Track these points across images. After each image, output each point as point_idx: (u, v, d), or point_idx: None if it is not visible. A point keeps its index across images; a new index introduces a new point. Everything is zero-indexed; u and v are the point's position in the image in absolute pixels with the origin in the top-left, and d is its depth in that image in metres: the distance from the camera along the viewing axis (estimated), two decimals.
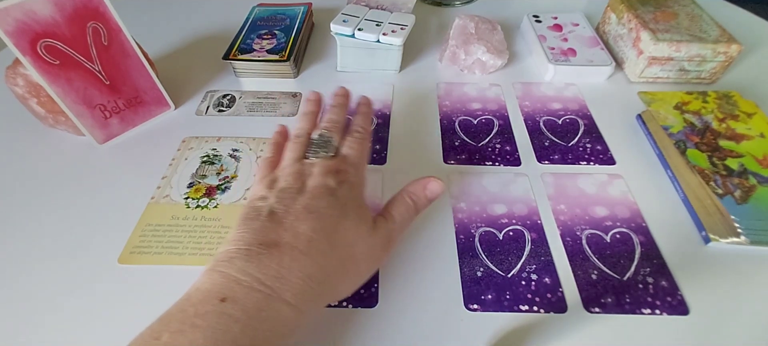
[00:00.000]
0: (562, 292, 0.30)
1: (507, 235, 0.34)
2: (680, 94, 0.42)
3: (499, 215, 0.36)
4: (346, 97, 0.36)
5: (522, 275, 0.31)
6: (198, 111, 0.47)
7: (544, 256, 0.33)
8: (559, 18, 0.57)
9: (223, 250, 0.23)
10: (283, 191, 0.26)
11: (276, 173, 0.28)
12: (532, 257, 0.33)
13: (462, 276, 0.32)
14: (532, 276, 0.31)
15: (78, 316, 0.30)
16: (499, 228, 0.35)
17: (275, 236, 0.23)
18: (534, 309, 0.30)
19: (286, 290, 0.21)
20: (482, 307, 0.30)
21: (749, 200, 0.33)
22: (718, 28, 0.47)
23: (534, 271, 0.32)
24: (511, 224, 0.35)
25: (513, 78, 0.51)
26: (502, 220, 0.35)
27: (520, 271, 0.32)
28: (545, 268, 0.32)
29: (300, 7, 0.59)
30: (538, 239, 0.34)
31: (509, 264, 0.32)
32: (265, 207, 0.25)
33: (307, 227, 0.24)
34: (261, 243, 0.23)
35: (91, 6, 0.38)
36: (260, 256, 0.22)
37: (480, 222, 0.35)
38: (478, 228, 0.35)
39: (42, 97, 0.39)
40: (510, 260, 0.32)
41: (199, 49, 0.57)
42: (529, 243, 0.33)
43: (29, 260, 0.33)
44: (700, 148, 0.37)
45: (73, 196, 0.38)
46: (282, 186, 0.26)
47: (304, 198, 0.25)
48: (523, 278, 0.31)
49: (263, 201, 0.26)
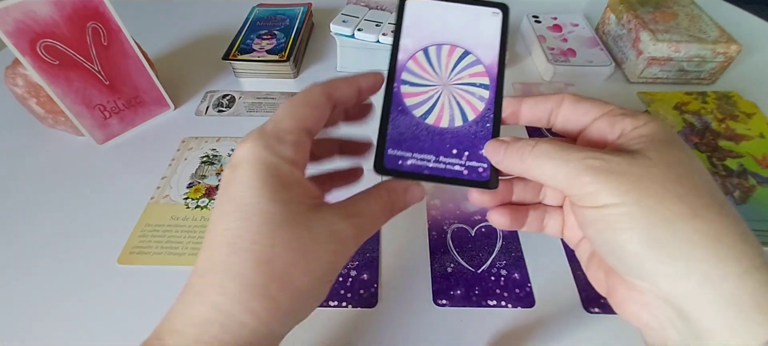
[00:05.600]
0: (531, 287, 0.31)
1: (479, 231, 0.35)
2: (680, 95, 0.42)
3: (472, 212, 0.36)
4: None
5: (492, 270, 0.32)
6: (198, 111, 0.47)
7: (514, 252, 0.33)
8: (559, 18, 0.57)
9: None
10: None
11: None
12: (502, 253, 0.33)
13: (433, 272, 0.32)
14: (502, 272, 0.32)
15: (77, 316, 0.30)
16: (471, 225, 0.35)
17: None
18: (501, 304, 0.30)
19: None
20: (451, 302, 0.30)
21: (748, 201, 0.33)
22: (717, 28, 0.47)
23: (504, 266, 0.32)
24: (484, 220, 0.36)
25: (512, 78, 0.51)
26: (476, 216, 0.36)
27: (490, 266, 0.32)
28: (515, 263, 0.32)
29: (300, 8, 0.59)
30: (510, 235, 0.34)
31: (480, 260, 0.33)
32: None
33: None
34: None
35: (91, 6, 0.38)
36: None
37: (453, 219, 0.36)
38: (450, 225, 0.35)
39: (41, 97, 0.39)
40: (480, 256, 0.33)
41: (199, 50, 0.57)
42: (501, 239, 0.34)
43: (29, 260, 0.33)
44: (699, 148, 0.37)
45: (73, 196, 0.38)
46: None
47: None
48: (493, 273, 0.32)
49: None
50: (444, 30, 0.26)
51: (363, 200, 0.22)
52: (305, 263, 0.19)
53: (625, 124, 0.21)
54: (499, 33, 0.26)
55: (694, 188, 0.18)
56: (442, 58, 0.26)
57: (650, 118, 0.21)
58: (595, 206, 0.19)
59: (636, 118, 0.21)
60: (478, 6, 0.26)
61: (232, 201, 0.19)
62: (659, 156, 0.19)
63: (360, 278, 0.32)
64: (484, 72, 0.25)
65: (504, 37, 0.25)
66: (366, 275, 0.32)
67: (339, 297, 0.31)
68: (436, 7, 0.27)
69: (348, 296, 0.31)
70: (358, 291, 0.31)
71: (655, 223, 0.18)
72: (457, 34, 0.26)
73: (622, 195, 0.18)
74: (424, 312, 0.30)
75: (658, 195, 0.18)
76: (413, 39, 0.26)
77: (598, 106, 0.22)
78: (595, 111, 0.22)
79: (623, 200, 0.18)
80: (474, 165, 0.24)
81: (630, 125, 0.21)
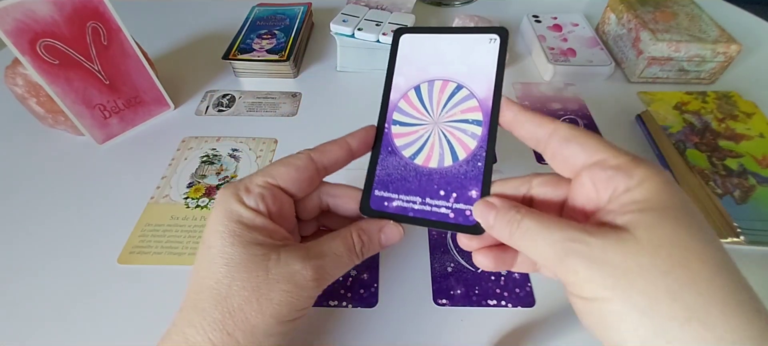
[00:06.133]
0: (531, 287, 0.31)
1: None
2: (680, 95, 0.42)
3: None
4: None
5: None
6: (197, 111, 0.47)
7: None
8: (559, 18, 0.57)
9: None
10: None
11: None
12: None
13: (433, 272, 0.32)
14: (502, 272, 0.32)
15: (77, 316, 0.30)
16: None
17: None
18: (501, 304, 0.30)
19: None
20: (451, 302, 0.30)
21: (748, 200, 0.33)
22: (717, 28, 0.47)
23: None
24: None
25: (512, 78, 0.51)
26: None
27: None
28: None
29: (300, 7, 0.59)
30: None
31: None
32: None
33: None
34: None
35: (91, 6, 0.38)
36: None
37: None
38: None
39: (41, 96, 0.39)
40: None
41: (199, 49, 0.57)
42: None
43: (28, 259, 0.33)
44: (699, 148, 0.37)
45: (73, 196, 0.38)
46: None
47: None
48: (493, 273, 0.32)
49: None
50: (438, 63, 0.25)
51: (327, 242, 0.23)
52: (259, 303, 0.20)
53: (618, 184, 0.18)
54: (496, 62, 0.24)
55: (690, 281, 0.15)
56: (434, 94, 0.25)
57: (646, 173, 0.18)
58: (583, 296, 0.17)
59: (629, 175, 0.18)
60: (475, 34, 0.24)
61: (204, 243, 0.22)
62: (650, 237, 0.16)
63: (360, 278, 0.32)
64: (478, 107, 0.24)
65: (501, 64, 0.23)
66: (366, 275, 0.32)
67: (339, 297, 0.31)
68: (431, 39, 0.25)
69: (348, 296, 0.31)
70: (358, 291, 0.31)
71: (648, 328, 0.15)
72: (451, 66, 0.25)
73: (608, 289, 0.16)
74: (424, 312, 0.30)
75: (648, 293, 0.15)
76: (406, 77, 0.25)
77: (588, 151, 0.20)
78: (585, 156, 0.20)
79: (611, 294, 0.16)
80: (461, 208, 0.23)
81: (622, 185, 0.18)
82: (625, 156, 0.19)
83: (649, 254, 0.16)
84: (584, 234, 0.17)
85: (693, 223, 0.17)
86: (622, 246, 0.16)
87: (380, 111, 0.26)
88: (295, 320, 0.22)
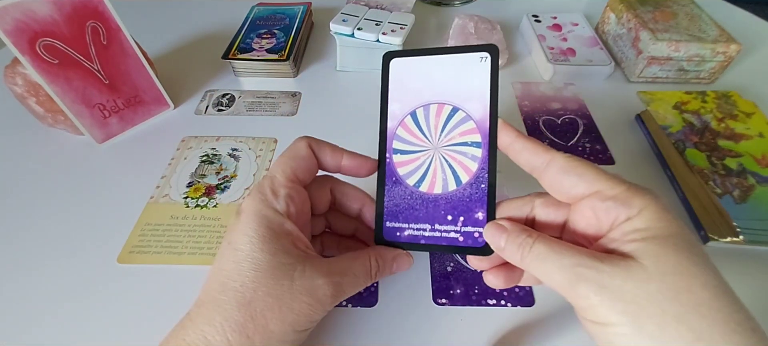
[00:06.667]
0: (531, 286, 0.31)
1: None
2: (679, 94, 0.42)
3: None
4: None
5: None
6: (197, 110, 0.47)
7: None
8: (559, 18, 0.57)
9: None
10: None
11: None
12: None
13: (432, 271, 0.32)
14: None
15: (77, 315, 0.30)
16: None
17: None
18: (501, 303, 0.30)
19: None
20: (450, 301, 0.30)
21: (748, 200, 0.33)
22: (717, 27, 0.47)
23: None
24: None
25: (512, 78, 0.51)
26: None
27: None
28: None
29: (299, 7, 0.59)
30: None
31: None
32: None
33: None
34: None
35: (90, 5, 0.38)
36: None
37: None
38: None
39: (41, 96, 0.39)
40: None
41: (199, 49, 0.57)
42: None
43: (28, 259, 0.33)
44: (699, 147, 0.37)
45: (72, 195, 0.38)
46: None
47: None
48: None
49: None
50: (431, 87, 0.25)
51: (348, 262, 0.24)
52: (280, 311, 0.21)
53: (619, 213, 0.19)
54: (489, 81, 0.23)
55: (696, 305, 0.16)
56: (431, 119, 0.25)
57: (643, 201, 0.19)
58: (594, 321, 0.18)
59: (629, 205, 0.19)
60: (465, 54, 0.24)
61: (230, 245, 0.22)
62: (656, 265, 0.17)
63: None
64: (475, 128, 0.24)
65: (494, 83, 0.23)
66: None
67: None
68: (421, 62, 0.25)
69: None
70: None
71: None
72: (444, 89, 0.24)
73: (618, 315, 0.17)
74: (424, 311, 0.30)
75: (656, 318, 0.16)
76: (400, 103, 0.25)
77: (586, 182, 0.20)
78: (584, 187, 0.20)
79: (621, 320, 0.17)
80: (470, 230, 0.23)
81: (623, 215, 0.19)
82: (622, 185, 0.20)
83: (656, 281, 0.17)
84: (595, 261, 0.18)
85: (692, 249, 0.18)
86: (631, 274, 0.17)
87: (380, 141, 0.26)
88: (307, 331, 0.23)
